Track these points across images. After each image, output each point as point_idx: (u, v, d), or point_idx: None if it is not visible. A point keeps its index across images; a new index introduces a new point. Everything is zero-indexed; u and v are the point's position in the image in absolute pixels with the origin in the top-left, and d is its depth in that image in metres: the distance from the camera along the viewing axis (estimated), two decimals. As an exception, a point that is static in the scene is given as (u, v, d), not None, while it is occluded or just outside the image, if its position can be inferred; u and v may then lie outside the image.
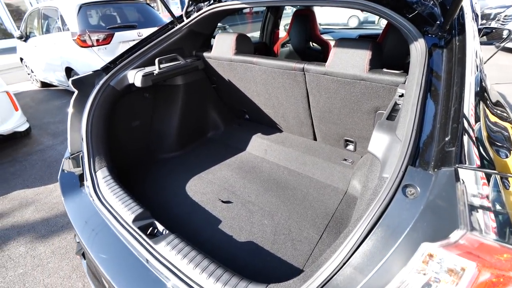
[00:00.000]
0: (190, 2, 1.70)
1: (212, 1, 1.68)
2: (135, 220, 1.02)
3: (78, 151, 1.39)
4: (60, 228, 2.10)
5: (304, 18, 2.49)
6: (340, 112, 1.46)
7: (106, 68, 1.53)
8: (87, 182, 1.25)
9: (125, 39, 4.21)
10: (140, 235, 0.96)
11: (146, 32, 4.46)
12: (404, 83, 1.10)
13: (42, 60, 4.88)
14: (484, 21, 7.08)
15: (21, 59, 6.02)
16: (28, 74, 6.14)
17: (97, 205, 1.13)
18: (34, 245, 1.96)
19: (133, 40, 4.30)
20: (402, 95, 1.04)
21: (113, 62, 1.55)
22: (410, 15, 1.01)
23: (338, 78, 1.27)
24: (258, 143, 1.94)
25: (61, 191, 1.30)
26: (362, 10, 1.13)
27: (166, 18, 5.68)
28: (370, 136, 1.53)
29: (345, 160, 1.65)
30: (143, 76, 1.46)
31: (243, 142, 1.99)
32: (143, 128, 1.82)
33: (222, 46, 1.68)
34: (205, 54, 1.80)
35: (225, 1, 1.63)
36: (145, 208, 1.08)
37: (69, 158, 1.37)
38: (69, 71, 4.37)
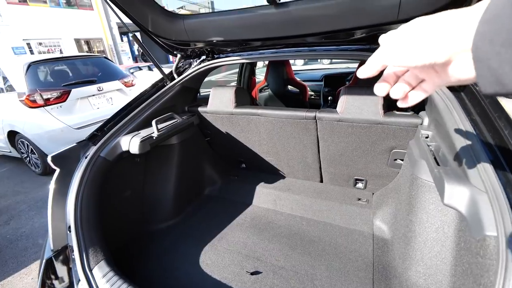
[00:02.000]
0: (181, 59, 1.65)
1: (204, 57, 1.66)
2: None
3: (62, 245, 1.10)
4: None
5: (279, 64, 2.63)
6: (352, 154, 1.47)
7: (92, 137, 1.32)
8: (80, 285, 0.96)
9: (84, 95, 3.88)
10: None
11: (106, 86, 4.22)
12: (422, 124, 1.16)
13: (-24, 125, 4.17)
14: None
15: None
16: (-47, 142, 5.14)
17: None
18: None
19: (93, 95, 4.01)
20: (427, 137, 1.09)
21: (101, 130, 1.35)
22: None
23: (354, 123, 1.29)
24: (264, 194, 1.82)
25: None
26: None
27: (124, 69, 5.54)
28: (382, 173, 1.55)
29: (359, 199, 1.63)
30: (141, 141, 1.29)
31: (246, 195, 1.85)
32: (135, 197, 1.57)
33: (221, 100, 1.62)
34: (200, 109, 1.71)
35: (218, 57, 1.62)
36: None
37: (53, 257, 1.06)
38: (12, 135, 3.78)
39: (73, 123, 3.67)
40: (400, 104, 0.44)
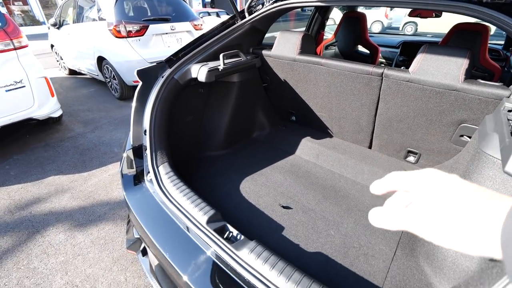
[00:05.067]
0: (254, -3, 1.65)
1: (278, -2, 1.63)
2: (208, 221, 0.98)
3: (139, 144, 1.36)
4: (98, 218, 2.09)
5: (355, 20, 2.41)
6: (413, 122, 1.38)
7: (168, 61, 1.49)
8: (149, 176, 1.21)
9: (158, 32, 4.21)
10: (218, 239, 0.91)
11: (178, 26, 4.46)
12: (509, 97, 1.01)
13: (74, 48, 4.94)
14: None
15: (52, 46, 6.12)
16: (57, 61, 6.24)
17: (165, 202, 1.09)
18: (73, 233, 1.95)
19: (166, 33, 4.31)
20: (511, 111, 0.96)
21: (176, 55, 1.51)
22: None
23: (425, 86, 1.19)
24: (308, 147, 1.87)
25: (123, 185, 1.27)
26: (470, 16, 1.05)
27: (195, 12, 5.68)
28: (441, 149, 1.44)
29: None
30: (208, 71, 1.42)
31: (291, 145, 1.93)
32: (195, 123, 1.78)
33: (286, 45, 1.62)
34: (264, 52, 1.74)
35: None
36: (216, 210, 1.03)
37: (132, 150, 1.34)
38: (100, 60, 4.40)
39: (148, 57, 4.07)
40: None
